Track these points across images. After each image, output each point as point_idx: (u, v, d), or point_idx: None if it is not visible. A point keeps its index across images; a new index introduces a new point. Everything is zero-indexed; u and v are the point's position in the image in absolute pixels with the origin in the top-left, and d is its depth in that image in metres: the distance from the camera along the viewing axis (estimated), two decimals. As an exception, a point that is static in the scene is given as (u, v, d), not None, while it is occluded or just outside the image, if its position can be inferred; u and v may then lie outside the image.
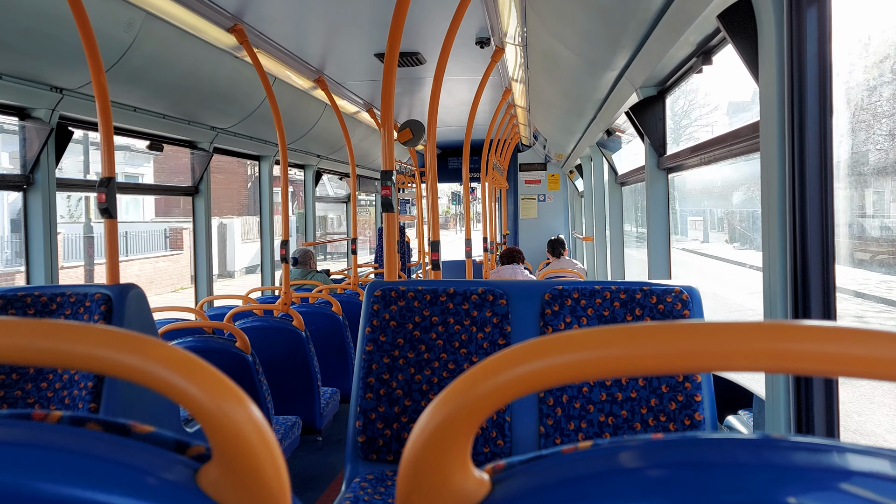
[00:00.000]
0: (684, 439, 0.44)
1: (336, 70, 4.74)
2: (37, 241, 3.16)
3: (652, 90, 3.30)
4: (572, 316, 2.03)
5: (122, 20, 2.95)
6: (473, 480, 0.45)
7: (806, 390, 1.57)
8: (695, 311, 1.97)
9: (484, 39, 3.96)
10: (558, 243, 6.54)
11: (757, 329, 0.40)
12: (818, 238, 1.53)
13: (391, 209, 2.48)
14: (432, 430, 0.44)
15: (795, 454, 0.42)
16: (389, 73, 2.38)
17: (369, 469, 2.06)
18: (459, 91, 5.67)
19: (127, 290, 2.29)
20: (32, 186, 3.16)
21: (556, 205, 10.84)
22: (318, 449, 4.22)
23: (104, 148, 2.48)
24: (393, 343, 2.11)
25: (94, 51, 2.38)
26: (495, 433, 2.01)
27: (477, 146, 8.96)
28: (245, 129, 4.95)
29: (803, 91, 1.51)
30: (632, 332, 0.41)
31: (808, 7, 1.49)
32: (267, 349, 3.64)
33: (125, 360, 0.44)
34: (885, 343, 0.39)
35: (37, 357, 0.45)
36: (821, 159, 1.52)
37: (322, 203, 8.30)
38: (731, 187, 13.12)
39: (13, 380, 2.23)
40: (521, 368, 0.42)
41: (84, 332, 0.45)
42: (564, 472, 0.44)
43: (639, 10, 2.50)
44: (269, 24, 3.56)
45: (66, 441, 0.45)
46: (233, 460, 0.44)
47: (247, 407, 0.44)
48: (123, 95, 3.51)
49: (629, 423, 1.95)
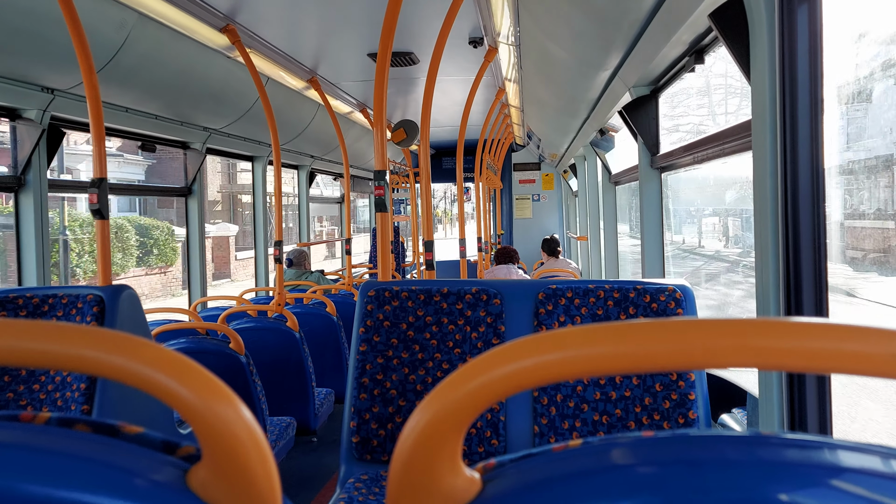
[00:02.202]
0: (675, 437, 0.44)
1: (329, 70, 4.73)
2: (28, 243, 3.14)
3: (645, 89, 3.31)
4: (566, 315, 2.03)
5: (114, 20, 2.94)
6: (464, 479, 0.45)
7: (799, 388, 1.58)
8: (688, 310, 1.98)
9: (477, 39, 3.96)
10: (553, 242, 6.54)
11: (749, 326, 0.40)
12: (810, 236, 1.54)
13: (385, 209, 2.48)
14: (421, 429, 0.44)
15: (787, 451, 0.42)
16: (382, 73, 2.38)
17: (364, 469, 2.06)
18: (453, 91, 5.66)
19: (119, 292, 2.28)
20: (24, 188, 3.14)
21: (551, 204, 10.86)
22: (313, 450, 4.21)
23: (95, 149, 2.47)
24: (387, 343, 2.10)
25: (85, 51, 2.37)
26: (490, 433, 2.01)
27: (471, 146, 8.97)
28: (238, 130, 4.93)
29: (794, 89, 1.52)
30: (621, 329, 0.41)
31: (800, 6, 1.50)
32: (261, 350, 3.63)
33: (114, 361, 0.44)
34: (876, 339, 0.39)
35: (27, 358, 0.44)
36: (812, 157, 1.53)
37: (314, 204, 8.28)
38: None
39: (5, 382, 2.22)
40: (509, 367, 0.42)
41: (73, 332, 0.44)
42: (555, 470, 0.44)
43: (631, 10, 2.51)
44: (262, 24, 3.55)
45: (53, 442, 0.45)
46: (222, 461, 0.44)
47: (236, 407, 0.44)
48: (115, 96, 3.50)
49: (623, 422, 1.95)
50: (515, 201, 10.91)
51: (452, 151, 10.38)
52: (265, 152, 5.64)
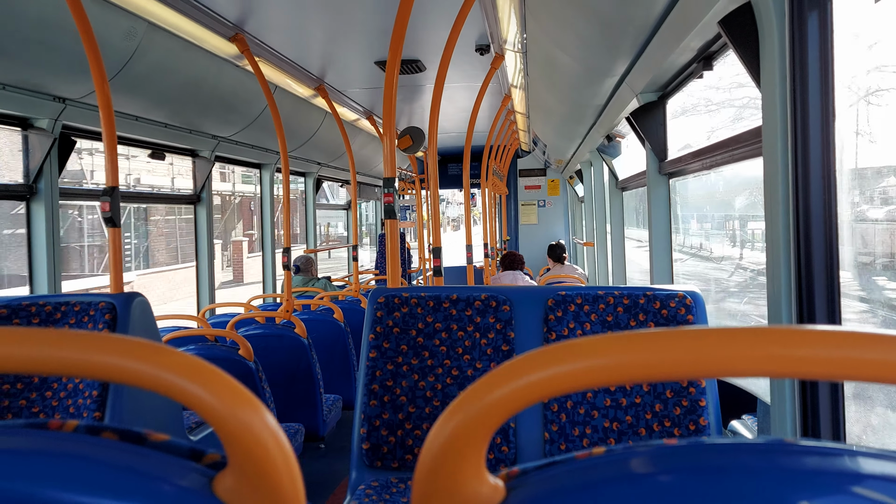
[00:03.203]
0: (696, 444, 0.45)
1: (336, 78, 4.76)
2: (40, 251, 3.16)
3: (652, 96, 3.31)
4: (576, 322, 2.03)
5: (125, 30, 2.97)
6: (488, 486, 0.46)
7: (812, 394, 1.57)
8: (698, 316, 1.97)
9: (484, 46, 3.97)
10: (559, 248, 6.53)
11: (763, 334, 0.41)
12: (822, 242, 1.53)
13: (394, 216, 2.49)
14: (448, 435, 0.44)
15: (807, 458, 0.42)
16: (391, 81, 2.39)
17: (374, 476, 2.05)
18: (459, 98, 5.68)
19: (131, 299, 2.29)
20: (35, 196, 3.17)
21: (557, 210, 10.86)
22: (322, 456, 4.21)
23: (108, 157, 2.49)
24: (396, 350, 2.11)
25: (97, 60, 2.39)
26: (500, 439, 2.01)
27: (477, 152, 8.99)
28: (246, 138, 4.96)
29: (805, 95, 1.52)
30: (650, 338, 0.42)
31: (810, 12, 1.50)
32: (269, 357, 3.64)
33: (140, 369, 0.44)
34: (891, 346, 0.39)
35: (52, 367, 0.45)
36: (823, 163, 1.52)
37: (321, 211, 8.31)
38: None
39: (17, 389, 2.23)
40: (537, 374, 0.42)
41: (97, 340, 0.45)
42: (579, 479, 0.44)
43: (639, 17, 2.51)
44: (270, 32, 3.58)
45: (82, 450, 0.45)
46: (249, 468, 0.44)
47: (262, 414, 0.44)
48: (125, 104, 3.52)
49: (634, 429, 1.94)
50: (521, 207, 10.91)
51: (458, 157, 10.40)
52: (273, 160, 5.66)
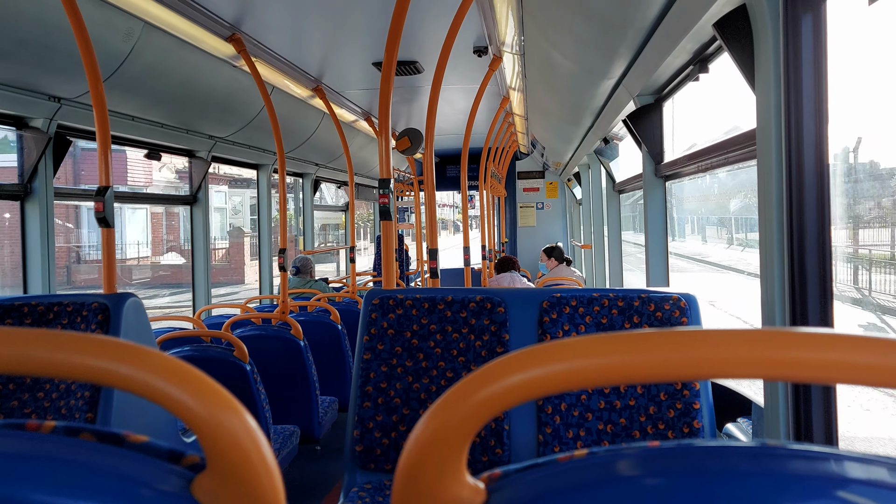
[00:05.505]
0: (681, 447, 0.44)
1: (334, 79, 4.75)
2: (34, 251, 3.15)
3: (649, 98, 3.31)
4: (570, 324, 2.03)
5: (121, 29, 2.96)
6: (469, 489, 0.45)
7: (804, 398, 1.57)
8: (693, 319, 1.97)
9: (482, 48, 3.97)
10: (558, 250, 6.53)
11: (755, 336, 0.40)
12: (815, 245, 1.53)
13: (389, 217, 2.48)
14: (427, 438, 0.43)
15: (793, 462, 0.42)
16: (387, 82, 2.38)
17: (367, 478, 2.05)
18: (457, 99, 5.68)
19: (124, 300, 2.28)
20: (30, 196, 3.16)
21: (555, 212, 10.85)
22: (317, 458, 4.20)
23: (101, 157, 2.48)
24: (391, 351, 2.10)
25: (92, 60, 2.38)
26: (494, 442, 2.00)
27: (475, 154, 8.99)
28: (243, 138, 4.95)
29: (799, 98, 1.52)
30: (628, 339, 0.41)
31: (804, 14, 1.50)
32: (265, 358, 3.63)
33: (119, 370, 0.44)
34: (883, 350, 0.39)
35: (32, 367, 0.44)
36: (817, 166, 1.52)
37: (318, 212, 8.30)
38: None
39: (10, 390, 2.22)
40: (516, 377, 0.42)
41: (79, 341, 0.44)
42: (561, 482, 0.44)
43: (636, 19, 2.52)
44: (268, 33, 3.57)
45: (59, 451, 0.45)
46: (227, 470, 0.44)
47: (241, 416, 0.44)
48: (121, 104, 3.52)
49: (628, 431, 1.94)
50: (519, 209, 10.91)
51: (456, 159, 10.40)
52: (270, 160, 5.66)
